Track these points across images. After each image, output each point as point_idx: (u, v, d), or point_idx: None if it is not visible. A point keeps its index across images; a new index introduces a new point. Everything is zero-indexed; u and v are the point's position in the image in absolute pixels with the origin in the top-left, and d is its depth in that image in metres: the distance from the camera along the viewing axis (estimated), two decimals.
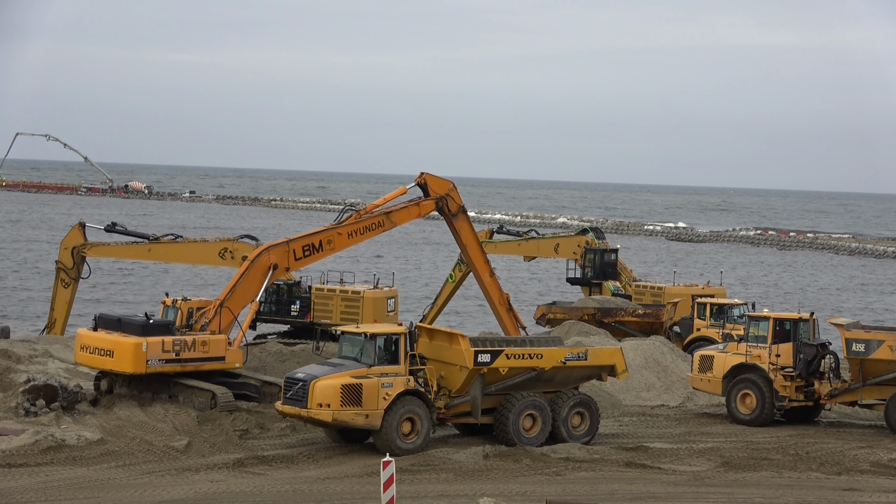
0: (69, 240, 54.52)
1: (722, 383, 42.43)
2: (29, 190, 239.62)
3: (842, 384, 41.61)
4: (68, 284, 54.58)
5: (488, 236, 70.37)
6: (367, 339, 35.33)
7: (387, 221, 42.82)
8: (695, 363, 43.71)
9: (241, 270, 40.32)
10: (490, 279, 45.70)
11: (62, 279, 54.58)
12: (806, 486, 32.99)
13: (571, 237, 69.49)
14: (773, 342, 41.86)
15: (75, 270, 54.29)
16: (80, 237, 54.39)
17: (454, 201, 44.19)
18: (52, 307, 55.14)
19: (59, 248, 54.91)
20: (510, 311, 46.03)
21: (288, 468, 33.34)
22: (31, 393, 37.04)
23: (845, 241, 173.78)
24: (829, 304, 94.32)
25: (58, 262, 54.78)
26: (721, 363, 42.61)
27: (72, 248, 54.24)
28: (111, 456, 33.42)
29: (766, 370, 41.71)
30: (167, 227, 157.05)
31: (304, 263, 42.01)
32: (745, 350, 42.29)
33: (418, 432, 35.21)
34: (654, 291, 63.60)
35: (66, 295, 54.67)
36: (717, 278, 74.93)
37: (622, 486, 32.05)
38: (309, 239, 41.53)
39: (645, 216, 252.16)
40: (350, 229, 42.14)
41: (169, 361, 38.10)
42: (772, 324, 42.15)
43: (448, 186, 44.10)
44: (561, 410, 37.17)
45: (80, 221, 55.34)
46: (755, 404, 41.69)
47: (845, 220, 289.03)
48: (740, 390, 42.00)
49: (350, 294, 53.27)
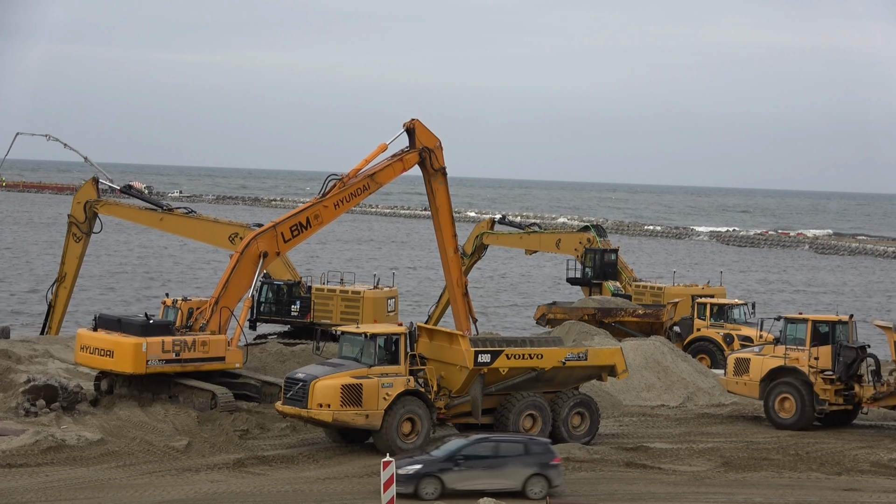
0: (82, 194, 53.90)
1: (759, 387, 41.58)
2: (29, 190, 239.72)
3: (886, 387, 40.76)
4: (80, 239, 54.03)
5: (490, 225, 70.17)
6: (367, 340, 35.32)
7: (371, 184, 41.71)
8: (729, 366, 42.94)
9: (232, 264, 39.79)
10: (454, 255, 44.18)
11: (74, 233, 54.06)
12: (806, 486, 33.00)
13: (573, 233, 69.43)
14: (811, 345, 40.96)
15: (87, 225, 53.69)
16: (94, 192, 53.73)
17: (437, 159, 42.88)
18: (62, 261, 54.52)
19: (72, 202, 54.17)
20: (465, 296, 44.53)
21: (288, 468, 33.34)
22: (32, 393, 37.03)
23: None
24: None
25: (70, 217, 54.11)
26: (758, 366, 41.76)
27: (84, 203, 53.62)
28: (111, 456, 33.43)
29: (806, 373, 40.80)
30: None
31: (294, 244, 41.21)
32: (782, 353, 41.39)
33: (418, 432, 35.20)
34: (653, 292, 63.58)
35: (76, 249, 54.10)
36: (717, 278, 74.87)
37: (622, 486, 32.07)
38: (295, 219, 40.73)
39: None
40: (336, 199, 41.13)
41: (169, 362, 38.05)
42: (810, 326, 41.24)
43: (436, 142, 42.76)
44: (561, 410, 37.15)
45: (94, 177, 54.61)
46: (795, 408, 40.85)
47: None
48: (779, 394, 41.15)
49: (350, 294, 53.20)
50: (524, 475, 30.75)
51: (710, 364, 52.39)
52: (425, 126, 42.63)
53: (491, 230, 69.65)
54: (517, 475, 30.76)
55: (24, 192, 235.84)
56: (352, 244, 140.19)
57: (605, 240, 67.39)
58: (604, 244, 66.60)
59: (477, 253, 69.16)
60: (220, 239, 53.52)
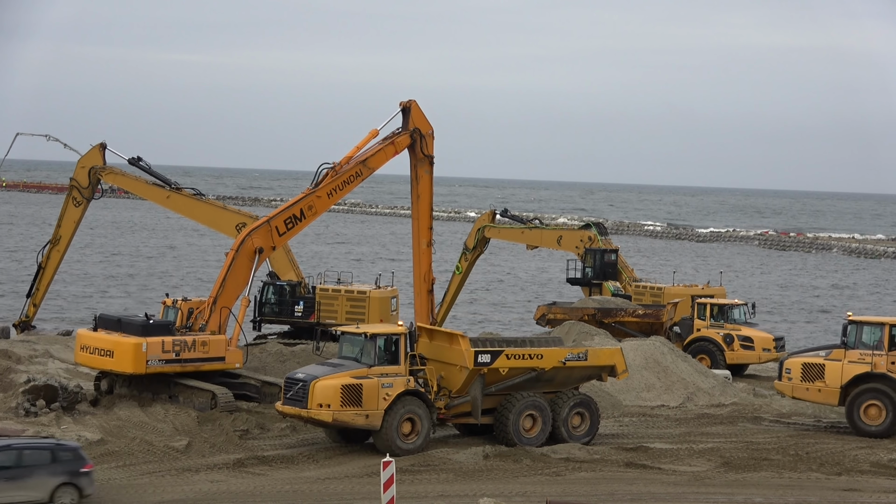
0: (88, 159, 52.96)
1: (839, 393, 40.21)
2: (29, 190, 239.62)
3: None
4: (80, 203, 53.20)
5: (491, 218, 69.76)
6: (367, 340, 35.31)
7: (364, 169, 41.41)
8: (794, 371, 41.30)
9: (228, 262, 39.66)
10: (426, 248, 43.35)
11: (74, 197, 53.22)
12: (806, 486, 32.99)
13: (575, 231, 69.34)
14: (889, 349, 39.73)
15: (89, 190, 52.94)
16: (100, 158, 52.85)
17: (427, 146, 42.40)
18: (59, 224, 53.62)
19: (76, 166, 53.16)
20: (430, 293, 43.85)
21: (288, 468, 33.34)
22: (32, 393, 37.03)
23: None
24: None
25: (72, 180, 53.23)
26: (836, 372, 40.29)
27: (89, 168, 52.72)
28: (111, 456, 33.43)
29: (895, 379, 39.58)
30: (166, 226, 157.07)
31: (289, 237, 41.04)
32: (857, 357, 40.01)
33: (418, 432, 35.19)
34: (653, 292, 63.56)
35: (75, 214, 53.32)
36: (717, 279, 74.82)
37: (622, 487, 32.05)
38: (289, 211, 40.51)
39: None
40: (329, 188, 40.85)
41: (169, 362, 38.06)
42: (888, 331, 40.02)
43: (429, 129, 42.33)
44: (561, 411, 37.15)
45: (102, 142, 53.58)
46: (884, 415, 39.65)
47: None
48: (865, 401, 39.88)
49: (356, 294, 52.96)
50: (51, 485, 28.09)
51: (710, 364, 52.39)
52: (422, 110, 42.24)
53: (492, 223, 69.29)
54: (43, 486, 28.01)
55: (24, 192, 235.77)
56: (351, 245, 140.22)
57: (606, 238, 67.28)
58: (605, 242, 66.51)
59: (479, 247, 68.75)
60: (225, 226, 52.44)
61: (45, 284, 54.66)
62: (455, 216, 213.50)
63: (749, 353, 53.84)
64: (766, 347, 53.80)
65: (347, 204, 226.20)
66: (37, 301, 55.46)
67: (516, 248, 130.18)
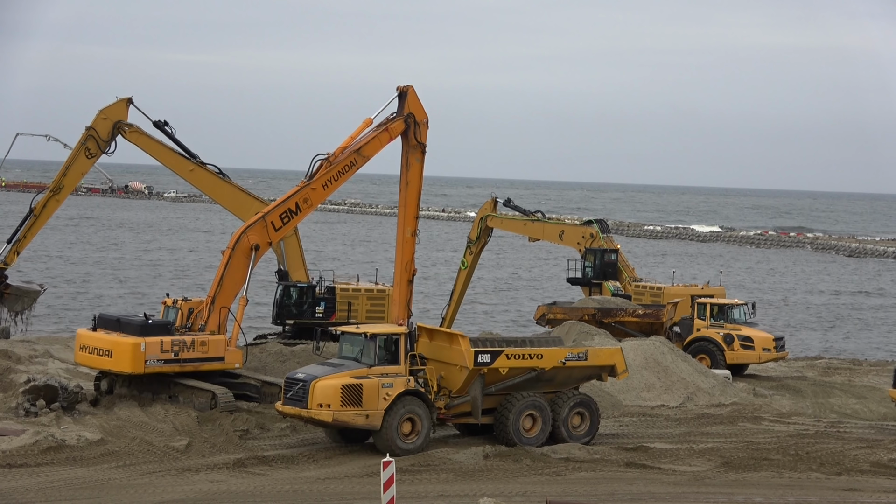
0: (112, 111, 49.58)
1: None
2: (29, 190, 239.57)
3: None
4: (93, 156, 49.89)
5: (493, 207, 68.97)
6: (367, 340, 35.30)
7: (359, 158, 40.79)
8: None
9: (225, 260, 39.35)
10: (410, 237, 41.75)
11: (88, 147, 49.57)
12: (806, 486, 32.96)
13: (577, 226, 69.15)
14: None
15: (106, 144, 49.59)
16: (125, 113, 49.53)
17: (421, 134, 41.20)
18: (64, 172, 50.27)
19: (97, 115, 49.67)
20: (409, 284, 42.01)
21: (288, 468, 33.33)
22: (32, 393, 37.03)
23: None
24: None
25: (90, 129, 49.56)
26: None
27: (113, 122, 49.45)
28: (111, 456, 33.41)
29: None
30: (165, 225, 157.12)
31: (285, 231, 40.63)
32: None
33: (418, 432, 35.18)
34: (653, 292, 63.57)
35: (84, 165, 50.29)
36: (717, 279, 74.81)
37: (622, 487, 32.03)
38: (284, 205, 40.11)
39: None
40: (323, 180, 40.33)
41: (168, 362, 38.01)
42: None
43: (424, 117, 41.33)
44: (561, 410, 37.14)
45: (129, 98, 50.06)
46: None
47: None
48: None
49: (375, 293, 52.61)
50: None
51: (710, 364, 52.38)
52: (418, 97, 41.44)
53: (494, 212, 68.81)
54: None
55: (24, 192, 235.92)
56: (354, 245, 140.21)
57: (607, 236, 67.13)
58: (607, 240, 66.40)
59: (482, 237, 68.33)
60: (245, 211, 50.23)
61: (34, 233, 51.23)
62: (455, 216, 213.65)
63: (749, 352, 53.82)
64: (766, 347, 53.79)
65: (347, 204, 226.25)
66: (20, 248, 51.48)
67: (516, 248, 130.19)
